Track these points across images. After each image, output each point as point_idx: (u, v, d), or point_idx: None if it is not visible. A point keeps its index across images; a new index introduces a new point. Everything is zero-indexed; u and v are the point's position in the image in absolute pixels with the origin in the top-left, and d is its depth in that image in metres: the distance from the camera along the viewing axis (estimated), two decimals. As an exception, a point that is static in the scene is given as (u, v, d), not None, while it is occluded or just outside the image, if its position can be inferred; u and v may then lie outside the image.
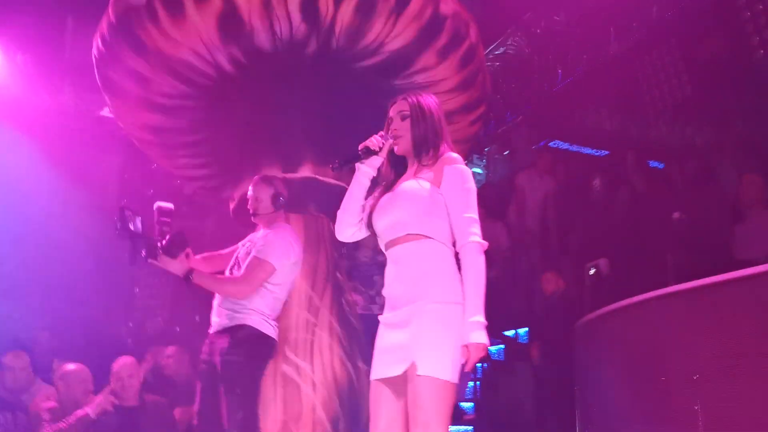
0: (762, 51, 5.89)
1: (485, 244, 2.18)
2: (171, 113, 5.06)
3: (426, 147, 2.31)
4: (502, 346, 6.99)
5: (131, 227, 3.22)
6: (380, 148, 2.34)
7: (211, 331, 3.62)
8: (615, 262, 5.50)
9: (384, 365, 2.17)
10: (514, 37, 7.60)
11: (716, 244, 4.28)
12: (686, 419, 3.32)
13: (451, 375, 2.06)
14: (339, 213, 2.42)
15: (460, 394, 5.77)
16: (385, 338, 2.23)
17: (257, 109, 4.91)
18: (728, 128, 6.57)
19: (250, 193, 3.79)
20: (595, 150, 9.62)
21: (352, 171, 2.47)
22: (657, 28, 6.48)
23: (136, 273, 7.87)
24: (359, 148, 2.36)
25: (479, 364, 6.45)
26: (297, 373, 4.37)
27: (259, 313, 3.52)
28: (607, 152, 9.04)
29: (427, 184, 2.22)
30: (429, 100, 2.38)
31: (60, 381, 4.67)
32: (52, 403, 4.56)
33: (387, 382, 2.15)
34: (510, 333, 7.20)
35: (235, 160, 5.23)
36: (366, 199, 2.40)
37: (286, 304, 4.49)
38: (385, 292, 2.30)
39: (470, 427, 5.54)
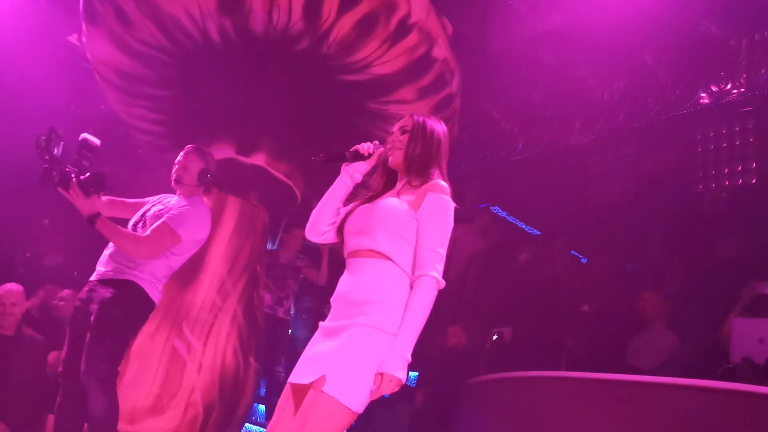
0: (701, 186, 6.32)
1: (442, 283, 2.07)
2: (143, 61, 4.99)
3: (416, 166, 2.21)
4: (390, 383, 7.05)
5: (54, 151, 3.14)
6: (369, 154, 2.28)
7: (94, 278, 3.47)
8: (518, 334, 5.69)
9: (300, 371, 2.06)
10: (489, 99, 7.85)
11: (613, 345, 4.53)
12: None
13: (356, 404, 1.92)
14: (315, 211, 2.31)
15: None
16: (313, 345, 2.12)
17: (230, 86, 4.91)
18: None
19: (179, 159, 3.65)
20: (528, 227, 10.00)
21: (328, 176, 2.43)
22: (619, 133, 6.86)
23: (51, 205, 7.58)
24: (350, 150, 2.30)
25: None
26: (187, 351, 4.32)
27: (150, 275, 3.41)
28: (538, 232, 9.40)
29: (405, 206, 2.13)
30: (435, 125, 2.30)
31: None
32: None
33: (295, 389, 2.06)
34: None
35: (192, 127, 5.19)
36: (344, 204, 2.33)
37: (198, 280, 4.48)
38: (332, 299, 2.19)
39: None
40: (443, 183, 2.18)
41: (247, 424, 5.71)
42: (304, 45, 4.59)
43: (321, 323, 2.17)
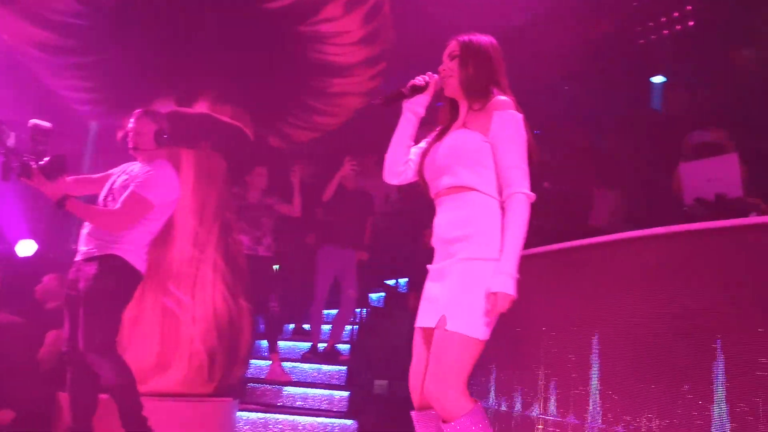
0: (642, 41, 6.39)
1: (532, 196, 2.06)
2: (60, 31, 4.83)
3: (474, 89, 2.15)
4: (383, 294, 7.34)
5: (7, 142, 3.13)
6: (426, 84, 2.22)
7: (78, 258, 3.56)
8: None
9: (422, 314, 2.13)
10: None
11: (577, 214, 4.73)
12: (531, 364, 3.73)
13: (481, 332, 1.98)
14: (388, 154, 2.28)
15: (337, 336, 6.06)
16: (426, 289, 2.17)
17: (156, 38, 4.80)
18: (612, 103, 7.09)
19: (131, 125, 3.67)
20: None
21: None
22: (556, 5, 6.83)
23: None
24: (406, 86, 2.23)
25: (359, 309, 6.76)
26: (178, 306, 4.45)
27: (131, 245, 3.49)
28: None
29: (475, 133, 2.10)
30: (482, 40, 2.21)
31: None
32: None
33: (423, 330, 2.13)
34: (391, 282, 7.57)
35: (127, 86, 5.10)
36: (414, 140, 2.30)
37: (172, 238, 4.55)
38: (433, 242, 2.20)
39: (344, 367, 5.84)
40: (503, 98, 2.13)
41: (252, 360, 5.97)
42: (220, -19, 4.47)
43: (428, 266, 2.21)
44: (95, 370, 3.41)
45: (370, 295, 7.29)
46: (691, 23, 6.07)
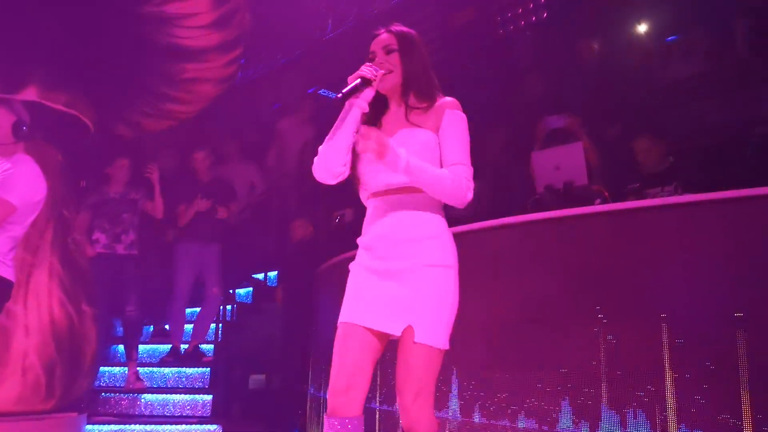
0: (502, 31, 6.53)
1: (469, 197, 2.00)
2: None
3: (419, 85, 2.07)
4: (251, 289, 7.09)
5: None
6: (374, 78, 2.02)
7: None
8: (359, 211, 5.80)
9: (377, 317, 1.96)
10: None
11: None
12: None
13: (446, 342, 1.96)
14: (327, 151, 2.05)
15: (201, 336, 5.77)
16: (374, 287, 1.99)
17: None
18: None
19: None
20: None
21: None
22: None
23: None
24: (355, 79, 2.01)
25: (225, 306, 6.48)
26: (6, 317, 4.00)
27: None
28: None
29: (429, 132, 2.02)
30: (413, 32, 2.13)
31: None
32: None
33: (372, 332, 1.96)
34: (260, 276, 7.33)
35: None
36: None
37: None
38: (367, 239, 2.05)
39: (208, 369, 5.56)
40: (450, 99, 2.08)
41: (108, 368, 5.55)
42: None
43: (366, 263, 2.03)
44: None
45: (237, 291, 7.03)
46: (544, 15, 6.26)
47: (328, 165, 2.06)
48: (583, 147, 3.72)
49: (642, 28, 5.79)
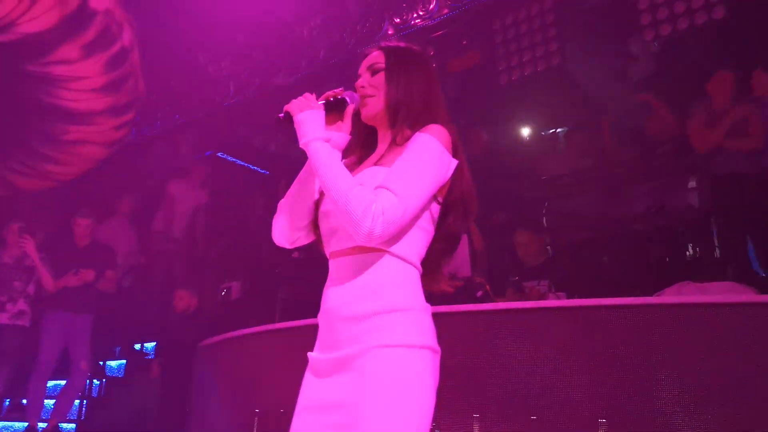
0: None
1: (377, 232, 1.40)
2: None
3: (406, 111, 1.56)
4: (124, 361, 6.63)
5: None
6: (344, 100, 1.57)
7: None
8: (246, 287, 5.67)
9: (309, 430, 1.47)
10: (192, 46, 7.45)
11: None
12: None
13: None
14: (285, 211, 1.61)
15: (63, 413, 5.30)
16: (313, 389, 1.51)
17: None
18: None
19: None
20: (259, 168, 9.95)
21: None
22: (319, 71, 6.99)
23: None
24: (320, 100, 1.57)
25: (93, 380, 6.03)
26: None
27: None
28: (267, 172, 9.41)
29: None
30: (414, 48, 1.66)
31: None
32: None
33: None
34: (137, 346, 6.89)
35: None
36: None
37: None
38: (319, 318, 1.56)
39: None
40: (439, 126, 1.54)
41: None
42: None
43: (310, 355, 1.56)
44: None
45: (108, 363, 6.57)
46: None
47: (288, 225, 1.61)
48: (468, 236, 3.86)
49: (526, 122, 6.21)
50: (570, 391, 2.60)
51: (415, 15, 6.52)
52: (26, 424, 5.22)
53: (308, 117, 1.52)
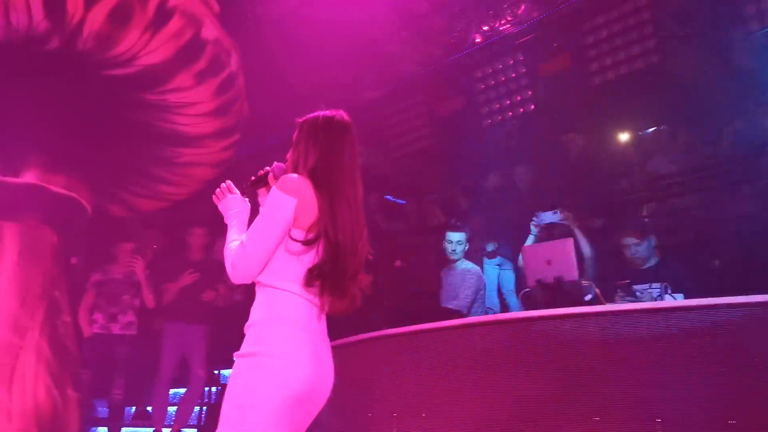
0: (489, 121, 6.77)
1: (233, 276, 1.91)
2: None
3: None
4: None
5: None
6: (273, 173, 2.10)
7: None
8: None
9: None
10: (281, 68, 7.73)
11: (428, 292, 4.79)
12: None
13: None
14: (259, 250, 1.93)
15: (184, 419, 5.63)
16: None
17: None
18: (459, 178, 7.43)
19: None
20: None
21: None
22: (406, 84, 7.10)
23: None
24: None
25: (210, 388, 6.34)
26: (-9, 404, 3.91)
27: None
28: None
29: None
30: (306, 120, 2.11)
31: None
32: None
33: None
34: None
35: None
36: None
37: (-14, 323, 4.04)
38: None
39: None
40: (288, 176, 1.96)
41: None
42: (56, 44, 4.16)
43: None
44: None
45: (222, 371, 6.90)
46: (532, 107, 6.53)
47: (258, 266, 1.92)
48: (574, 241, 3.83)
49: (623, 123, 6.07)
50: (699, 391, 2.56)
51: (503, 21, 6.53)
52: (152, 430, 5.58)
53: (223, 207, 2.14)
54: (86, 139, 4.68)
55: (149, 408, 5.92)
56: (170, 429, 5.57)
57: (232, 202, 2.13)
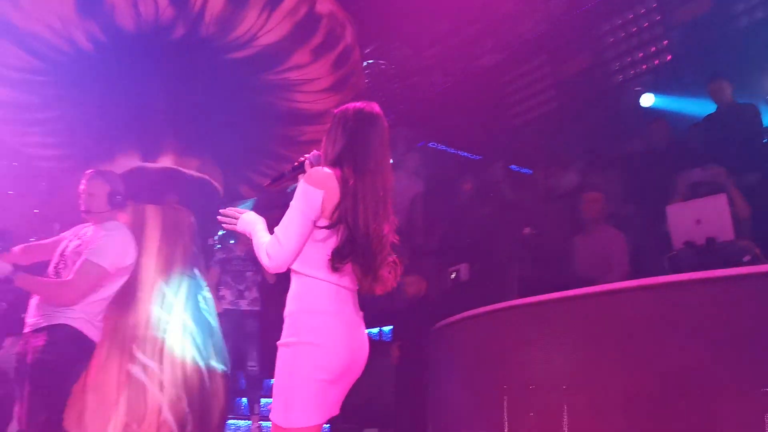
0: (620, 77, 6.33)
1: (269, 267, 2.05)
2: (19, 87, 4.66)
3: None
4: (366, 343, 7.05)
5: None
6: (309, 162, 2.23)
7: (27, 330, 3.32)
8: (474, 268, 5.69)
9: None
10: (396, 40, 7.66)
11: (560, 260, 4.55)
12: (522, 426, 3.50)
13: (282, 419, 1.98)
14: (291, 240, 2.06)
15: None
16: None
17: (117, 91, 4.63)
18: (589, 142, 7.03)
19: (82, 187, 3.46)
20: (469, 154, 9.98)
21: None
22: (528, 45, 6.78)
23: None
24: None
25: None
26: (144, 373, 4.18)
27: (83, 313, 3.24)
28: (480, 157, 9.39)
29: None
30: (337, 112, 2.25)
31: None
32: None
33: None
34: (374, 330, 7.30)
35: (90, 141, 4.91)
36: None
37: (136, 300, 4.31)
38: None
39: (327, 424, 5.54)
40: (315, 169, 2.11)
41: (233, 420, 5.68)
42: (181, 32, 4.32)
43: None
44: None
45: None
46: (669, 57, 6.02)
47: (293, 255, 2.06)
48: (728, 199, 3.45)
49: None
50: None
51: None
52: (289, 400, 5.80)
53: (242, 226, 2.23)
54: (215, 123, 4.85)
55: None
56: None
57: (248, 218, 2.24)
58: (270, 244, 2.04)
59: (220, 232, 6.21)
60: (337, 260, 2.01)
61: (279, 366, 2.02)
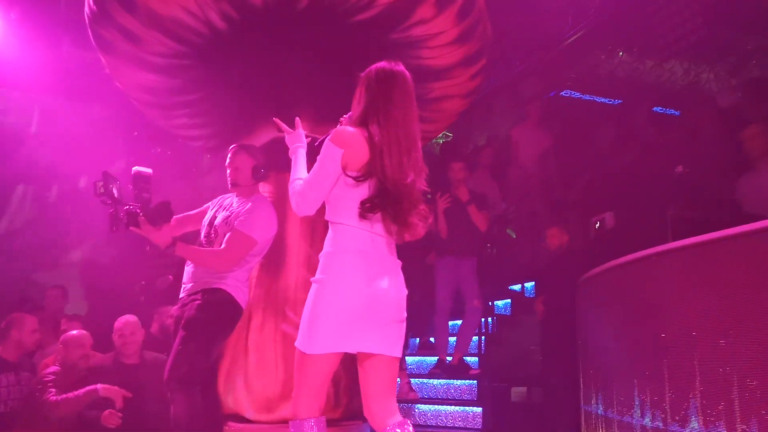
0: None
1: (295, 210, 2.39)
2: (165, 72, 4.99)
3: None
4: (509, 300, 6.99)
5: (114, 193, 3.20)
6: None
7: (183, 294, 3.61)
8: (620, 215, 5.42)
9: None
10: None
11: (721, 198, 4.17)
12: (684, 376, 3.30)
13: (303, 346, 2.29)
14: (314, 191, 2.40)
15: (464, 348, 5.82)
16: None
17: (252, 67, 4.83)
18: (744, 72, 6.37)
19: (228, 161, 3.70)
20: (608, 99, 9.42)
21: None
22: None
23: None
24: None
25: (486, 318, 6.46)
26: (297, 332, 4.39)
27: (235, 280, 3.55)
28: (620, 101, 8.85)
29: None
30: (364, 74, 2.51)
31: (61, 345, 4.74)
32: (55, 368, 4.64)
33: None
34: (516, 287, 7.21)
35: (233, 119, 5.18)
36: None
37: (286, 264, 4.53)
38: None
39: (474, 382, 5.58)
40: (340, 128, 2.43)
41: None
42: (305, 1, 4.39)
43: None
44: (170, 401, 3.34)
45: (495, 302, 6.98)
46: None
47: (315, 203, 2.37)
48: None
49: None
50: None
51: None
52: (436, 358, 5.88)
53: (289, 140, 2.71)
54: (344, 89, 4.91)
55: (432, 339, 6.24)
56: (452, 357, 5.81)
57: (295, 138, 2.66)
58: (299, 192, 2.34)
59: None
60: (366, 209, 2.26)
61: (307, 300, 2.33)
